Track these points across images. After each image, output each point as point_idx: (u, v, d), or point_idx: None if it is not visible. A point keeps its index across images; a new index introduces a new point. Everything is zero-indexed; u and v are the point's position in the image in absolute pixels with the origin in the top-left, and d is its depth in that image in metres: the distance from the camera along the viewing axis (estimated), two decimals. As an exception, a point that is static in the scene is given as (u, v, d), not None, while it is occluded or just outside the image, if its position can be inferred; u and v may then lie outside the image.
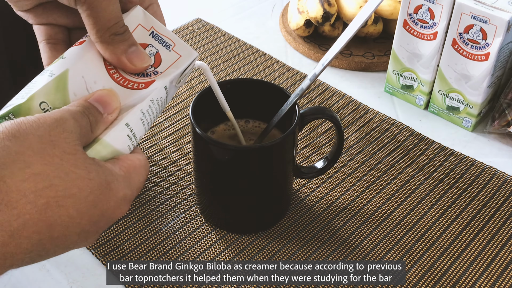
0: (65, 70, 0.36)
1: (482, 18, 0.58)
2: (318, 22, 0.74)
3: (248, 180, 0.49)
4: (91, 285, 0.48)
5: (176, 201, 0.55)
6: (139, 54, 0.37)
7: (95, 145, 0.34)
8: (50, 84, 0.35)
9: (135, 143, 0.36)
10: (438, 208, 0.55)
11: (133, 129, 0.36)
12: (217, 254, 0.50)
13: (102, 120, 0.34)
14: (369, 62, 0.75)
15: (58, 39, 0.41)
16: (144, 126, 0.37)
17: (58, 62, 0.36)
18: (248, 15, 0.87)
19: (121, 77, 0.37)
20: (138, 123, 0.36)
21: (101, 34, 0.36)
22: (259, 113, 0.53)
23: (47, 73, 0.36)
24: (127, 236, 0.51)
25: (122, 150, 0.35)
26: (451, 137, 0.65)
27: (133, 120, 0.36)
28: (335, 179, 0.58)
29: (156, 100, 0.37)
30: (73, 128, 0.32)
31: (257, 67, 0.74)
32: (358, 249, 0.51)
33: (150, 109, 0.37)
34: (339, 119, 0.50)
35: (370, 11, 0.46)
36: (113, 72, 0.37)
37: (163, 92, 0.37)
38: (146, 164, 0.36)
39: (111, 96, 0.35)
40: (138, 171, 0.35)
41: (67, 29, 0.41)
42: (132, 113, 0.35)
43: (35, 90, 0.34)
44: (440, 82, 0.65)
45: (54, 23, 0.40)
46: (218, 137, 0.52)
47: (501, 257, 0.51)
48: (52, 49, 0.40)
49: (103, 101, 0.35)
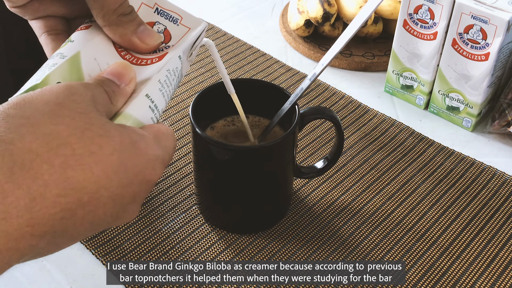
0: (77, 52, 0.35)
1: (482, 18, 0.58)
2: (318, 22, 0.74)
3: (248, 180, 0.49)
4: (91, 285, 0.48)
5: (176, 201, 0.55)
6: (150, 33, 0.36)
7: (118, 118, 0.33)
8: (64, 65, 0.34)
9: (157, 115, 0.36)
10: (438, 208, 0.55)
11: (154, 100, 0.35)
12: (217, 254, 0.50)
13: (120, 91, 0.33)
14: (369, 62, 0.75)
15: (59, 30, 0.39)
16: (164, 98, 0.36)
17: (68, 45, 0.36)
18: (248, 15, 0.87)
19: (132, 57, 0.36)
20: (158, 94, 0.35)
21: (108, 17, 0.35)
22: (259, 111, 0.53)
23: (58, 56, 0.35)
24: (127, 236, 0.51)
25: (145, 122, 0.34)
26: (451, 137, 0.65)
27: (152, 91, 0.35)
28: (335, 179, 0.58)
29: (172, 70, 0.36)
30: (82, 91, 0.30)
31: (257, 67, 0.74)
32: (358, 249, 0.51)
33: (167, 79, 0.36)
34: (339, 119, 0.50)
35: (370, 11, 0.46)
36: (124, 54, 0.36)
37: (177, 62, 0.37)
38: (173, 133, 0.35)
39: (125, 67, 0.34)
40: (167, 136, 0.34)
41: (65, 19, 0.40)
42: (151, 84, 0.35)
43: (50, 71, 0.34)
44: (440, 82, 0.65)
45: (52, 15, 0.39)
46: (218, 133, 0.52)
47: (501, 257, 0.51)
48: (55, 39, 0.39)
49: (117, 73, 0.34)
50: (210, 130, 0.52)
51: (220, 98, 0.51)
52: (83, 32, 0.37)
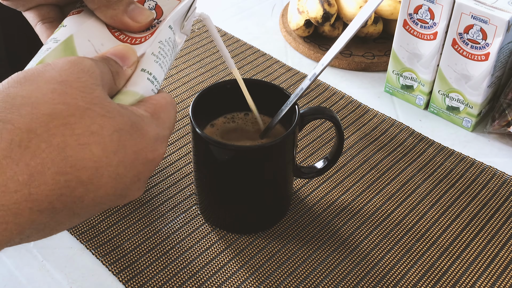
0: (70, 35, 0.35)
1: (482, 18, 0.58)
2: (318, 22, 0.74)
3: (248, 180, 0.49)
4: (91, 285, 0.48)
5: (176, 201, 0.55)
6: (141, 10, 0.37)
7: (118, 95, 0.33)
8: (58, 49, 0.34)
9: (158, 86, 0.36)
10: (438, 208, 0.55)
11: (151, 72, 0.35)
12: (217, 254, 0.50)
13: (123, 73, 0.34)
14: (369, 62, 0.75)
15: (52, 17, 0.40)
16: (162, 69, 0.36)
17: (60, 30, 0.36)
18: (248, 15, 0.87)
19: (126, 36, 0.36)
20: (154, 66, 0.35)
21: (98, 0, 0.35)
22: (259, 110, 0.53)
23: (51, 41, 0.35)
24: (127, 236, 0.51)
25: (146, 94, 0.35)
26: (451, 137, 0.65)
27: (148, 64, 0.35)
28: (335, 179, 0.58)
29: (165, 41, 0.36)
30: (90, 68, 0.31)
31: (257, 67, 0.74)
32: (358, 249, 0.51)
33: (162, 50, 0.36)
34: (339, 119, 0.50)
35: (370, 11, 0.46)
36: (118, 34, 0.36)
37: (169, 32, 0.37)
38: (173, 102, 0.35)
39: (128, 50, 0.35)
40: (165, 109, 0.34)
41: (58, 7, 0.40)
42: (145, 58, 0.35)
43: (44, 55, 0.34)
44: (440, 82, 0.65)
45: (44, 3, 0.39)
46: (218, 130, 0.52)
47: (501, 257, 0.51)
48: (49, 27, 0.39)
49: (121, 54, 0.34)
50: (210, 128, 0.52)
51: (220, 97, 0.51)
52: (75, 17, 0.37)
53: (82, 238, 0.51)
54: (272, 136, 0.51)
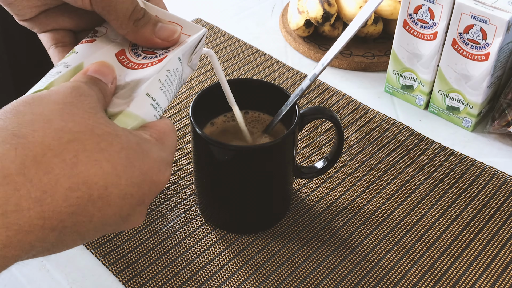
0: (81, 62, 0.36)
1: (482, 18, 0.58)
2: (318, 22, 0.74)
3: (248, 180, 0.49)
4: (91, 285, 0.48)
5: (176, 201, 0.55)
6: (167, 28, 0.38)
7: (120, 116, 0.34)
8: (67, 74, 0.36)
9: (160, 112, 0.37)
10: (438, 208, 0.55)
11: (155, 98, 0.36)
12: (217, 254, 0.50)
13: (109, 90, 0.34)
14: (369, 62, 0.75)
15: (66, 42, 0.41)
16: (166, 97, 0.37)
17: (72, 56, 0.37)
18: (248, 15, 0.87)
19: (134, 64, 0.37)
20: (159, 93, 0.36)
21: (126, 26, 0.37)
22: (259, 108, 0.53)
23: (62, 65, 0.37)
24: (127, 236, 0.51)
25: (148, 119, 0.35)
26: (451, 137, 0.65)
27: (153, 90, 0.36)
28: (335, 179, 0.58)
29: (172, 71, 0.37)
30: (88, 92, 0.31)
31: (257, 67, 0.74)
32: (358, 249, 0.51)
33: (168, 79, 0.37)
34: (339, 119, 0.50)
35: (370, 11, 0.46)
36: (126, 63, 0.37)
37: (177, 62, 0.38)
38: (174, 128, 0.36)
39: (107, 66, 0.35)
40: (169, 135, 0.35)
41: (72, 32, 0.42)
42: (151, 83, 0.36)
43: (54, 78, 0.35)
44: (440, 82, 0.65)
45: (60, 28, 0.41)
46: (218, 128, 0.52)
47: (501, 257, 0.51)
48: (62, 51, 0.40)
49: (101, 71, 0.35)
50: (210, 126, 0.52)
51: (220, 96, 0.51)
52: (87, 45, 0.38)
53: (82, 238, 0.51)
54: (273, 134, 0.51)
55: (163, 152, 0.33)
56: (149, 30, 0.37)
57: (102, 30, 0.40)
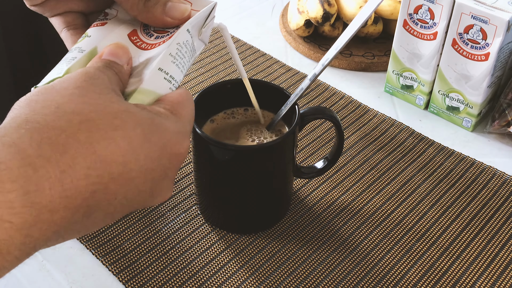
0: (94, 47, 0.37)
1: (482, 18, 0.58)
2: (318, 22, 0.74)
3: (248, 180, 0.49)
4: (91, 285, 0.48)
5: (176, 201, 0.55)
6: (177, 7, 0.38)
7: (135, 94, 0.34)
8: (83, 59, 0.36)
9: (176, 85, 0.37)
10: (438, 208, 0.55)
11: (168, 72, 0.36)
12: (217, 254, 0.50)
13: (124, 71, 0.35)
14: (369, 62, 0.75)
15: (77, 24, 0.41)
16: (180, 69, 0.37)
17: (85, 40, 0.38)
18: (248, 15, 0.87)
19: (147, 44, 0.38)
20: (172, 66, 0.36)
21: (136, 7, 0.37)
22: (260, 107, 0.53)
23: (76, 50, 0.37)
24: (127, 236, 0.51)
25: (164, 92, 0.36)
26: (451, 137, 0.65)
27: (165, 64, 0.36)
28: (335, 179, 0.58)
29: (182, 43, 0.37)
30: (99, 75, 0.32)
31: (257, 67, 0.74)
32: (358, 249, 0.51)
33: (179, 52, 0.37)
34: (339, 119, 0.50)
35: (370, 11, 0.46)
36: (139, 44, 0.38)
37: (187, 35, 0.38)
38: (189, 96, 0.36)
39: (121, 47, 0.36)
40: (183, 105, 0.35)
41: (83, 14, 0.42)
42: (162, 57, 0.36)
43: (70, 64, 0.35)
44: (440, 82, 0.65)
45: (70, 10, 0.41)
46: (218, 125, 0.52)
47: (501, 257, 0.51)
48: (74, 34, 0.41)
49: (116, 53, 0.35)
50: (210, 123, 0.52)
51: (220, 96, 0.51)
52: (99, 29, 0.39)
53: (82, 238, 0.51)
54: (275, 131, 0.51)
55: (179, 124, 0.33)
56: (160, 10, 0.37)
57: (112, 13, 0.40)
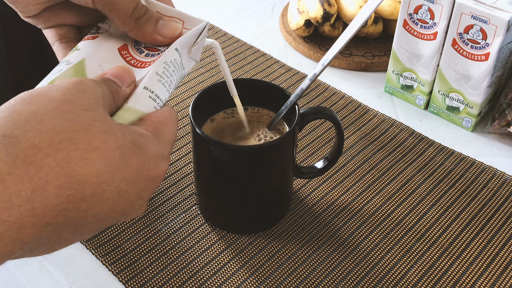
0: (82, 59, 0.37)
1: (482, 18, 0.58)
2: (318, 22, 0.74)
3: (248, 180, 0.49)
4: (91, 285, 0.48)
5: (176, 201, 0.55)
6: (168, 25, 0.38)
7: (120, 112, 0.34)
8: (69, 71, 0.36)
9: (161, 104, 0.37)
10: (438, 208, 0.55)
11: (153, 90, 0.36)
12: (217, 254, 0.50)
13: (121, 92, 0.34)
14: (369, 62, 0.75)
15: (70, 37, 0.41)
16: (166, 88, 0.37)
17: (74, 53, 0.38)
18: (248, 15, 0.87)
19: (137, 61, 0.38)
20: (158, 85, 0.36)
21: (127, 23, 0.37)
22: (258, 105, 0.53)
23: (64, 63, 0.37)
24: (127, 236, 0.51)
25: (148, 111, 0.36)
26: (451, 137, 0.65)
27: (150, 83, 0.36)
28: (335, 179, 0.58)
29: (170, 62, 0.37)
30: (91, 88, 0.31)
31: (257, 67, 0.74)
32: (358, 249, 0.51)
33: (166, 71, 0.37)
34: (339, 119, 0.50)
35: (370, 11, 0.46)
36: (129, 59, 0.38)
37: (175, 53, 0.38)
38: (172, 115, 0.36)
39: (126, 70, 0.36)
40: (166, 125, 0.35)
41: (76, 28, 0.42)
42: (148, 76, 0.36)
43: (55, 76, 0.35)
44: (440, 82, 0.65)
45: (64, 23, 0.41)
46: (218, 125, 0.52)
47: (501, 257, 0.51)
48: (66, 47, 0.41)
49: (119, 75, 0.35)
50: (210, 123, 0.52)
51: (220, 94, 0.51)
52: (89, 42, 0.39)
53: (82, 238, 0.51)
54: (275, 130, 0.51)
55: (160, 146, 0.33)
56: (151, 28, 0.37)
57: (105, 27, 0.40)
